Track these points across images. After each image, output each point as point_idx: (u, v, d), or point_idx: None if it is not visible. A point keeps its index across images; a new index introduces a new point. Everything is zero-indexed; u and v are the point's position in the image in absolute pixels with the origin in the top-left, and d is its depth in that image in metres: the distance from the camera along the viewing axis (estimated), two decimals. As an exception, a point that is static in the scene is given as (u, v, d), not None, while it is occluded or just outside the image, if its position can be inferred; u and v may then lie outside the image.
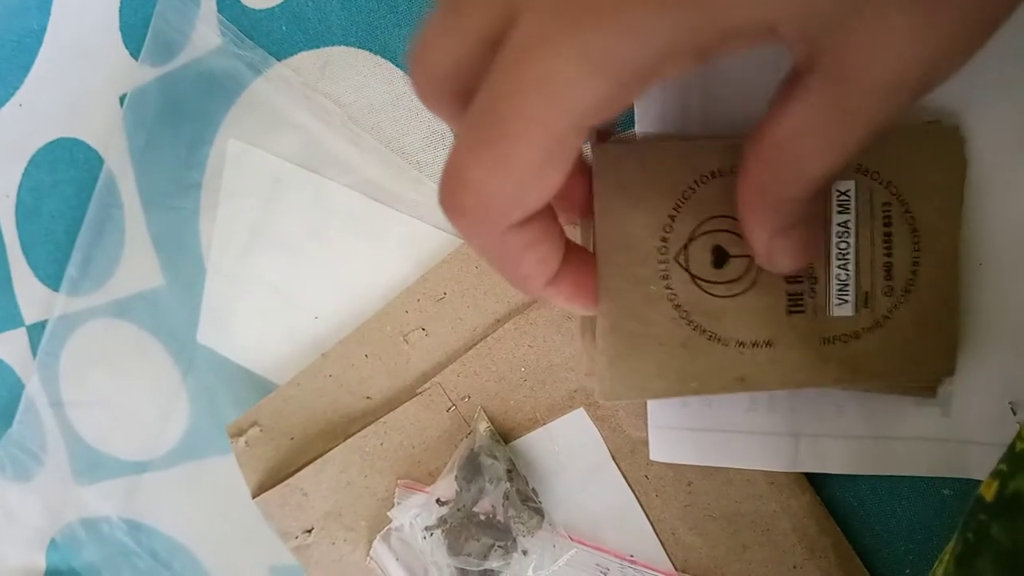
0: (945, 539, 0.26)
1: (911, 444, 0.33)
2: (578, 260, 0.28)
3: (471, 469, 0.40)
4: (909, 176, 0.29)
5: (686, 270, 0.28)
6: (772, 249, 0.26)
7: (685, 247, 0.29)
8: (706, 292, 0.28)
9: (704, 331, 0.28)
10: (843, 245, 0.29)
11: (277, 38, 0.45)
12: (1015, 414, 0.31)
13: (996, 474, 0.24)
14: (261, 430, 0.45)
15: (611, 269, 0.28)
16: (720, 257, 0.29)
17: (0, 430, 0.59)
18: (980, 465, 0.32)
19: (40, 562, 0.60)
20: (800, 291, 0.29)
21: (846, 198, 0.29)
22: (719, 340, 0.29)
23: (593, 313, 0.29)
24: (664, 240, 0.28)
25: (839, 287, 0.29)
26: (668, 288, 0.28)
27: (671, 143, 0.29)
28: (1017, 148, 0.30)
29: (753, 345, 0.29)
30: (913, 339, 0.29)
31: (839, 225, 0.29)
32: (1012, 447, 0.24)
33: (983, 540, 0.23)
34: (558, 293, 0.27)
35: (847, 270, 0.29)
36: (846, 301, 0.29)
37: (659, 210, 0.28)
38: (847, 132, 0.22)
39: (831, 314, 0.29)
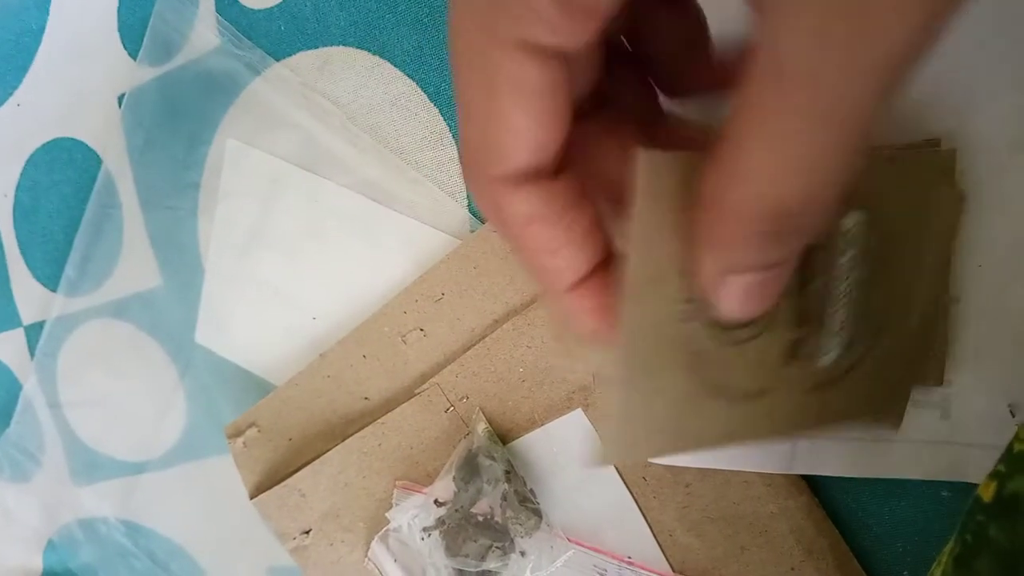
0: (943, 540, 0.26)
1: (909, 447, 0.33)
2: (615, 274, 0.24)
3: (469, 470, 0.40)
4: (895, 211, 0.26)
5: (703, 313, 0.24)
6: (720, 287, 0.22)
7: None
8: (721, 339, 0.25)
9: (709, 383, 0.25)
10: (845, 287, 0.25)
11: (275, 38, 0.45)
12: (1014, 416, 0.31)
13: (994, 475, 0.24)
14: (259, 431, 0.45)
15: (637, 309, 0.23)
16: None
17: (-2, 431, 0.59)
18: (979, 468, 0.32)
19: (37, 563, 0.60)
20: (804, 337, 0.26)
21: (854, 232, 0.25)
22: (720, 392, 0.25)
23: (605, 350, 0.25)
24: (684, 276, 0.24)
25: (830, 334, 0.26)
26: (687, 333, 0.24)
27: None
28: (1016, 151, 0.30)
29: (745, 397, 0.26)
30: (878, 384, 0.27)
31: (843, 264, 0.25)
32: (1010, 448, 0.24)
33: (981, 541, 0.23)
34: (579, 303, 0.24)
35: (840, 316, 0.26)
36: (834, 350, 0.26)
37: (685, 242, 0.23)
38: (814, 141, 0.18)
39: (820, 363, 0.26)
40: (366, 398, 0.43)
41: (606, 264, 0.24)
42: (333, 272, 0.45)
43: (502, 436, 0.41)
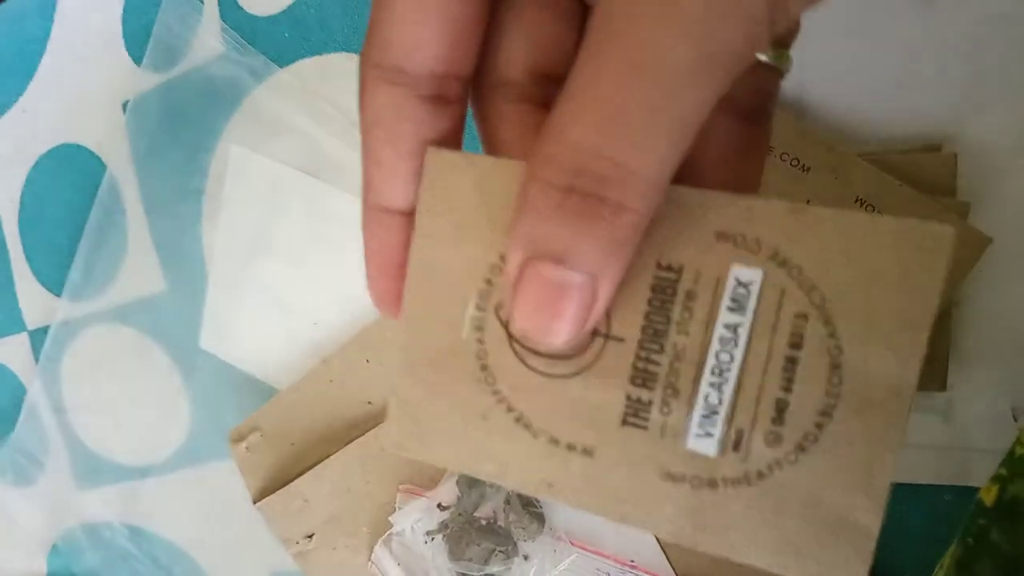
0: (946, 544, 0.26)
1: (912, 452, 0.33)
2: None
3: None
4: (848, 286, 0.19)
5: (504, 327, 0.22)
6: (518, 286, 0.19)
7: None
8: (522, 361, 0.22)
9: (511, 409, 0.22)
10: (724, 357, 0.20)
11: (279, 45, 0.45)
12: (1016, 420, 0.31)
13: (996, 479, 0.24)
14: (262, 436, 0.45)
15: (420, 300, 0.23)
16: None
17: (2, 435, 0.59)
18: (981, 472, 0.32)
19: (42, 567, 0.60)
20: (647, 400, 0.21)
21: (744, 292, 0.20)
22: (527, 427, 0.22)
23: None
24: (489, 283, 0.22)
25: (705, 413, 0.20)
26: (480, 343, 0.22)
27: (522, 166, 0.20)
28: (1016, 155, 0.30)
29: (568, 448, 0.22)
30: (798, 514, 0.20)
31: (725, 327, 0.20)
32: (1012, 452, 0.24)
33: (983, 544, 0.23)
34: (379, 254, 0.22)
35: (721, 393, 0.20)
36: (710, 435, 0.20)
37: (489, 247, 0.22)
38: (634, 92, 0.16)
39: (686, 446, 0.21)
40: (369, 402, 0.43)
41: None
42: (336, 277, 0.45)
43: (505, 440, 0.41)
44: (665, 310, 0.20)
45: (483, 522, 0.40)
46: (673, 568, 0.38)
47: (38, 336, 0.56)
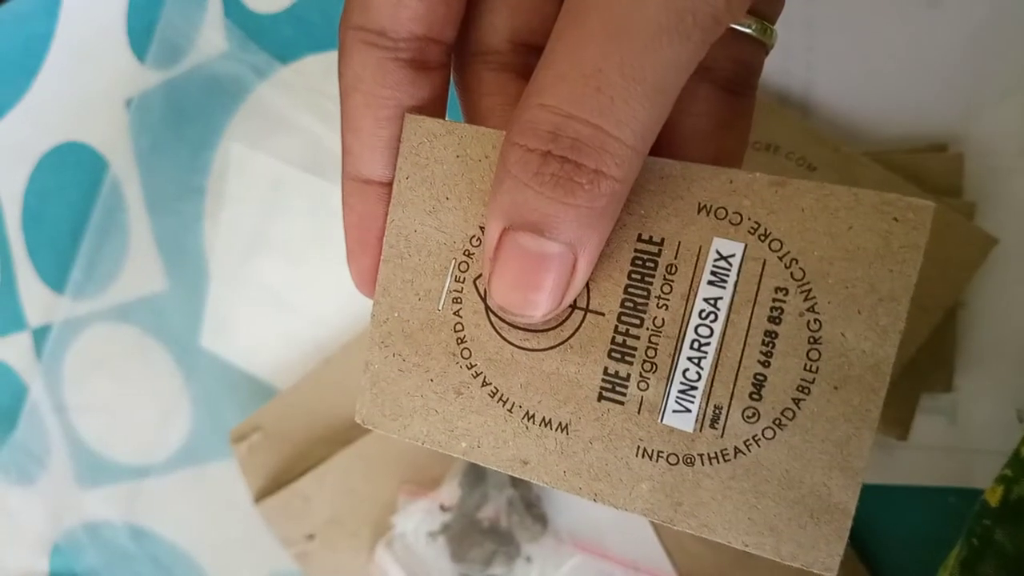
0: (950, 545, 0.26)
1: (917, 453, 0.33)
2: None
3: (475, 475, 0.40)
4: (828, 260, 0.19)
5: (482, 299, 0.22)
6: (496, 257, 0.19)
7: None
8: (500, 335, 0.22)
9: (486, 383, 0.22)
10: (704, 332, 0.20)
11: (282, 42, 0.45)
12: (1021, 421, 0.31)
13: (1001, 479, 0.24)
14: (263, 435, 0.45)
15: (396, 272, 0.23)
16: None
17: (4, 434, 0.59)
18: (986, 474, 0.31)
19: (43, 566, 0.60)
20: (624, 375, 0.20)
21: (724, 265, 0.20)
22: (502, 402, 0.22)
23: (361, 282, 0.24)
24: (468, 255, 0.22)
25: (683, 388, 0.20)
26: (457, 316, 0.22)
27: (502, 135, 0.20)
28: (1022, 154, 0.30)
29: (544, 424, 0.21)
30: (775, 492, 0.20)
31: (706, 301, 0.20)
32: (1017, 453, 0.24)
33: (987, 545, 0.23)
34: (359, 224, 0.22)
35: (700, 368, 0.20)
36: (687, 411, 0.20)
37: (468, 217, 0.22)
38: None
39: (663, 421, 0.20)
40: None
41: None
42: (338, 276, 0.45)
43: (507, 441, 0.40)
44: (645, 283, 0.20)
45: (485, 523, 0.40)
46: (677, 570, 0.38)
47: (40, 335, 0.56)
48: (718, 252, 0.20)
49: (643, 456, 0.21)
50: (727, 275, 0.20)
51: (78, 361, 0.55)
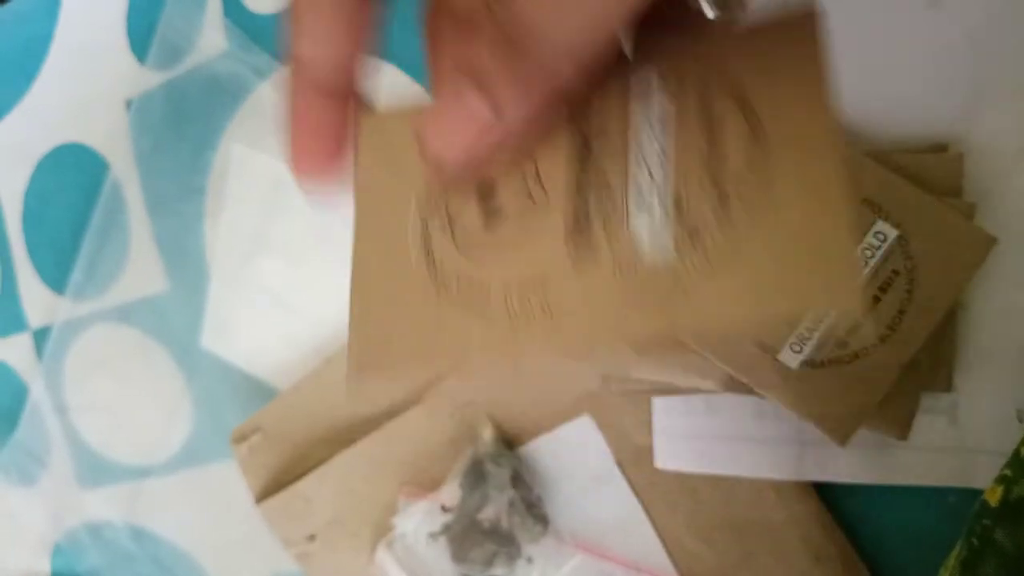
0: (950, 546, 0.26)
1: (917, 453, 0.33)
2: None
3: (475, 476, 0.40)
4: (758, 74, 0.20)
5: (446, 214, 0.23)
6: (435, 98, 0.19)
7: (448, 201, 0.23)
8: (466, 246, 0.22)
9: (463, 300, 0.22)
10: (650, 147, 0.21)
11: (282, 42, 0.45)
12: (1021, 421, 0.31)
13: (1001, 479, 0.24)
14: (264, 436, 0.45)
15: (368, 226, 0.24)
16: (486, 192, 0.23)
17: (5, 435, 0.59)
18: (986, 474, 0.31)
19: (45, 567, 0.60)
20: (588, 234, 0.21)
21: (654, 87, 0.21)
22: (481, 310, 0.22)
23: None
24: (437, 207, 0.23)
25: (637, 192, 0.21)
26: (428, 253, 0.23)
27: None
28: (1022, 154, 0.30)
29: (526, 313, 0.21)
30: (771, 269, 0.20)
31: (644, 120, 0.21)
32: (1017, 453, 0.24)
33: (987, 545, 0.23)
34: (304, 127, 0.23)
35: (653, 178, 0.21)
36: (651, 214, 0.21)
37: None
38: None
39: (628, 228, 0.21)
40: (373, 402, 0.43)
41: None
42: (339, 276, 0.45)
43: (508, 442, 0.41)
44: (588, 147, 0.21)
45: (486, 524, 0.40)
46: (678, 571, 0.38)
47: (41, 336, 0.56)
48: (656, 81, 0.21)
49: (633, 307, 0.20)
50: (649, 85, 0.21)
51: (79, 362, 0.55)
